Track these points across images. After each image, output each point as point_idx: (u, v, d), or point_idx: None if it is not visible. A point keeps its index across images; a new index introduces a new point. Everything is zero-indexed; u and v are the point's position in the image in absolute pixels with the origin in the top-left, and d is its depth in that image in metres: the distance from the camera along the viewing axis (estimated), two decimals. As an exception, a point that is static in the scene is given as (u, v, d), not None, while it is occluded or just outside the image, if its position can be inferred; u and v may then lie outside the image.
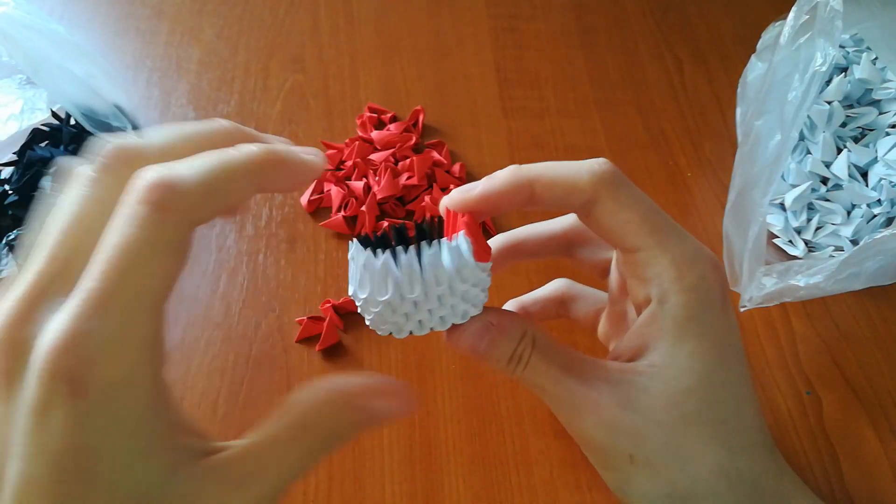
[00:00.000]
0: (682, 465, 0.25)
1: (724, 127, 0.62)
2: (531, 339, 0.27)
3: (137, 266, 0.19)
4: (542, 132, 0.61)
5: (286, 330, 0.50)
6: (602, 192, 0.25)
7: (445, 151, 0.59)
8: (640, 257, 0.26)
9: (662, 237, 0.25)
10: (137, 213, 0.19)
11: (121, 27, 0.68)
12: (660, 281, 0.25)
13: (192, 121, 0.34)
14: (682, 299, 0.25)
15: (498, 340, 0.26)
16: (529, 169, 0.26)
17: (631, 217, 0.25)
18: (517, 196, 0.26)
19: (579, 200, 0.26)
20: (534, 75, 0.66)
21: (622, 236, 0.26)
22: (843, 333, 0.50)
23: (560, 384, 0.26)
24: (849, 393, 0.48)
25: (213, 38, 0.68)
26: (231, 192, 0.21)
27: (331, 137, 0.60)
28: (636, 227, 0.25)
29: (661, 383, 0.25)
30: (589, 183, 0.25)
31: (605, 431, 0.25)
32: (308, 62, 0.66)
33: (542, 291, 0.37)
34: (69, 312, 0.19)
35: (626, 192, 0.25)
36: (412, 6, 0.70)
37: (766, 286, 0.46)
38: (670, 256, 0.25)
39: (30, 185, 0.55)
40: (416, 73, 0.65)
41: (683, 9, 0.71)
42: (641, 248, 0.25)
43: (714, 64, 0.67)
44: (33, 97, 0.63)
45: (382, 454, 0.45)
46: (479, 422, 0.46)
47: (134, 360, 0.20)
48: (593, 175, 0.25)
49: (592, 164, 0.25)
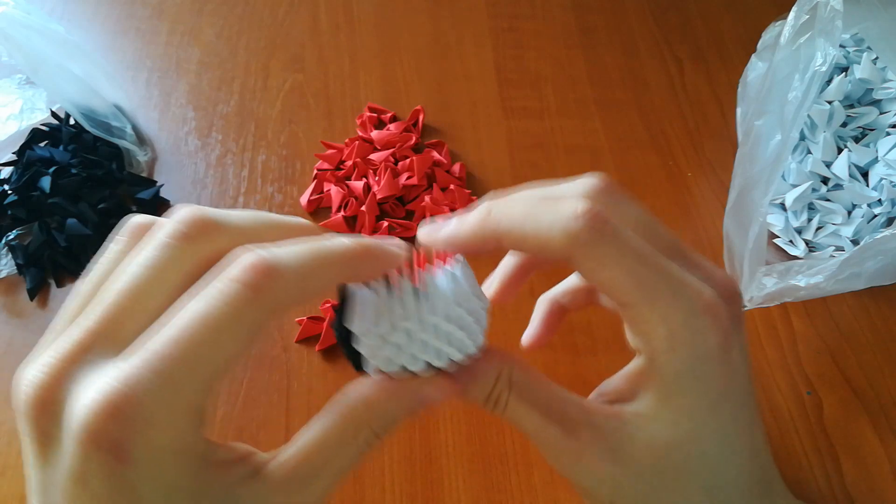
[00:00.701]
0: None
1: (725, 127, 0.62)
2: (507, 381, 0.25)
3: (213, 340, 0.19)
4: (542, 132, 0.61)
5: (286, 330, 0.50)
6: (577, 252, 0.23)
7: (445, 151, 0.59)
8: (629, 313, 0.24)
9: (650, 293, 0.23)
10: (231, 290, 0.19)
11: (121, 27, 0.68)
12: (650, 339, 0.24)
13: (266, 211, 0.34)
14: (672, 357, 0.23)
15: (469, 386, 0.26)
16: (498, 220, 0.24)
17: (614, 275, 0.23)
18: (483, 244, 0.25)
19: (554, 258, 0.23)
20: (534, 75, 0.66)
21: (608, 292, 0.24)
22: (843, 333, 0.50)
23: (541, 430, 0.25)
24: (849, 393, 0.48)
25: (213, 37, 0.68)
26: (324, 282, 0.22)
27: (331, 137, 0.60)
28: (621, 285, 0.23)
29: (646, 434, 0.24)
30: (561, 244, 0.23)
31: (587, 478, 0.25)
32: (308, 62, 0.66)
33: (571, 281, 0.35)
34: (119, 374, 0.18)
35: (607, 248, 0.23)
36: (412, 6, 0.70)
37: (767, 286, 0.46)
38: (659, 315, 0.23)
39: (29, 184, 0.55)
40: (416, 73, 0.65)
41: (684, 8, 0.71)
42: (629, 304, 0.23)
43: (714, 64, 0.67)
44: (33, 97, 0.63)
45: (382, 454, 0.45)
46: (479, 422, 0.46)
47: (183, 428, 0.19)
48: (566, 234, 0.22)
49: (569, 216, 0.22)
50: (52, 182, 0.54)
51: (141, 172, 0.58)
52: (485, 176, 0.58)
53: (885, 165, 0.51)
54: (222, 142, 0.60)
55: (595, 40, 0.69)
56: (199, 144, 0.60)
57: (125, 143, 0.57)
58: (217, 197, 0.57)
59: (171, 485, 0.19)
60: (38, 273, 0.52)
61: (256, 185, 0.58)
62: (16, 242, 0.53)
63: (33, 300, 0.51)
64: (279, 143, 0.60)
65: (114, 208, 0.55)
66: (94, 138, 0.57)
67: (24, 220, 0.54)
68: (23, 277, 0.52)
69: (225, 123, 0.61)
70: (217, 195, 0.57)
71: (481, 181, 0.58)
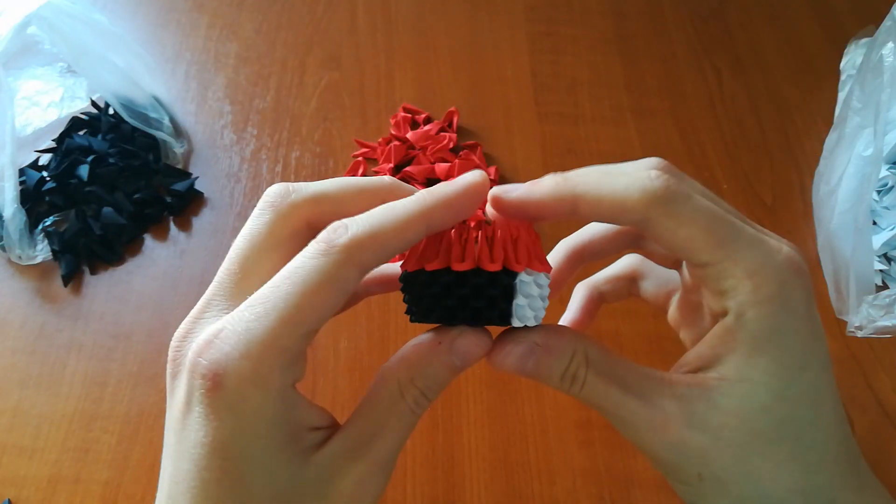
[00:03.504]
0: (754, 485, 0.24)
1: (762, 139, 0.61)
2: (584, 357, 0.25)
3: (292, 285, 0.21)
4: (577, 138, 0.61)
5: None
6: (655, 211, 0.23)
7: (480, 153, 0.58)
8: (710, 271, 0.24)
9: (731, 248, 0.23)
10: (316, 249, 0.22)
11: (162, 19, 0.69)
12: (735, 293, 0.23)
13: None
14: (761, 312, 0.23)
15: (544, 361, 0.25)
16: (575, 182, 0.24)
17: (692, 232, 0.23)
18: (558, 209, 0.25)
19: (629, 220, 0.23)
20: (570, 81, 0.65)
21: (687, 253, 0.24)
22: (877, 355, 0.49)
23: (621, 405, 0.24)
24: (882, 417, 0.47)
25: (252, 33, 0.68)
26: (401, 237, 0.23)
27: (364, 136, 0.60)
28: (700, 243, 0.23)
29: (732, 399, 0.23)
30: (639, 202, 0.23)
31: (671, 451, 0.24)
32: (344, 60, 0.66)
33: (613, 269, 0.34)
34: (220, 321, 0.22)
35: (684, 205, 0.23)
36: (450, 7, 0.70)
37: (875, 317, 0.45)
38: (743, 267, 0.23)
39: (67, 172, 0.55)
40: (452, 75, 0.65)
41: (724, 18, 0.70)
42: (710, 262, 0.23)
43: (754, 75, 0.66)
44: (73, 86, 0.64)
45: (405, 456, 0.45)
46: (502, 428, 0.46)
47: (269, 365, 0.21)
48: (644, 192, 0.23)
49: (644, 178, 0.23)
50: (90, 170, 0.55)
51: (177, 164, 0.59)
52: (517, 180, 0.58)
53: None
54: (257, 137, 0.61)
55: (633, 47, 0.68)
56: (234, 138, 0.61)
57: (162, 135, 0.58)
58: (251, 192, 0.57)
59: (257, 414, 0.21)
60: (72, 260, 0.52)
61: (290, 180, 0.58)
62: (52, 229, 0.54)
63: (67, 286, 0.52)
64: (313, 141, 0.60)
65: (149, 198, 0.55)
66: (132, 129, 0.58)
67: (61, 206, 0.55)
68: (58, 263, 0.53)
69: (261, 119, 0.62)
70: (250, 189, 0.57)
71: (513, 185, 0.58)
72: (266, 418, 0.22)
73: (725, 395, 0.24)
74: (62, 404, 0.47)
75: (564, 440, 0.45)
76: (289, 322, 0.21)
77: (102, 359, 0.49)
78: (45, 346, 0.49)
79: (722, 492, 0.24)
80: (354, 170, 0.58)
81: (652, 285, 0.34)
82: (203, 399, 0.21)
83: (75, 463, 0.45)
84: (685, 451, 0.24)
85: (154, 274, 0.53)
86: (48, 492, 0.44)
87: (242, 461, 0.21)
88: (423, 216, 0.23)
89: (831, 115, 0.61)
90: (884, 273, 0.52)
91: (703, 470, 0.24)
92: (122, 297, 0.52)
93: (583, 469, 0.44)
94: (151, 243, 0.55)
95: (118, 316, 0.51)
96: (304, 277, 0.22)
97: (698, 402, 0.24)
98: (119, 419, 0.46)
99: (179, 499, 0.22)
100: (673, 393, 0.24)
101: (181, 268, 0.53)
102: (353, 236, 0.22)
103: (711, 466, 0.24)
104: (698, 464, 0.24)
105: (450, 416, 0.46)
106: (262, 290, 0.22)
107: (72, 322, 0.51)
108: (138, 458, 0.45)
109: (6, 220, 0.51)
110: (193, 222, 0.56)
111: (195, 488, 0.22)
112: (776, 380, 0.23)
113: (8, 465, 0.45)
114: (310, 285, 0.21)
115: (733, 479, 0.24)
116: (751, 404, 0.23)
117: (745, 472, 0.23)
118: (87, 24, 0.55)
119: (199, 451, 0.21)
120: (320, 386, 0.47)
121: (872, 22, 0.59)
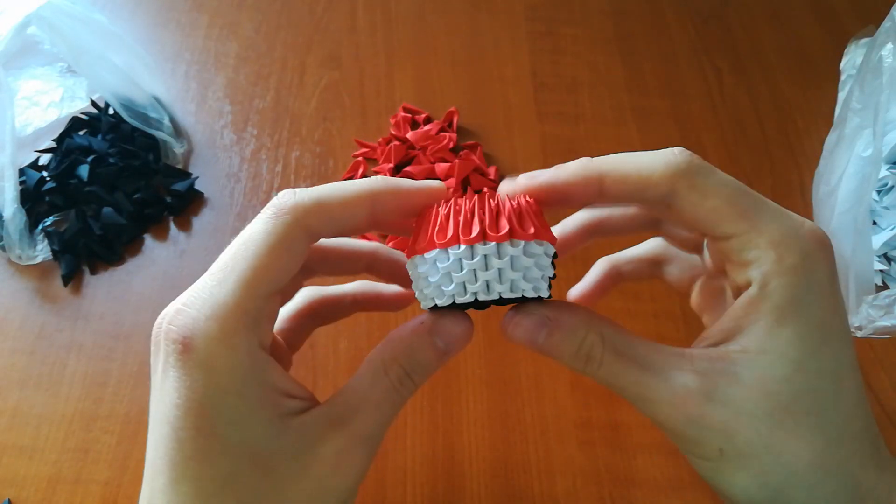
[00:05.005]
0: (775, 458, 0.23)
1: (762, 139, 0.61)
2: (598, 336, 0.25)
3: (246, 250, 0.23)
4: (577, 138, 0.61)
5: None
6: (680, 183, 0.23)
7: (480, 153, 0.58)
8: (734, 243, 0.24)
9: (755, 219, 0.23)
10: (266, 215, 0.24)
11: (161, 19, 0.69)
12: (759, 264, 0.23)
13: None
14: (785, 281, 0.23)
15: (556, 336, 0.25)
16: (600, 162, 0.25)
17: (717, 204, 0.23)
18: (586, 189, 0.25)
19: (655, 195, 0.24)
20: (570, 80, 0.65)
21: (711, 225, 0.24)
22: (877, 355, 0.49)
23: (640, 383, 0.24)
24: (882, 417, 0.47)
25: (252, 32, 0.68)
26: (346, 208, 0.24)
27: (364, 136, 0.60)
28: (725, 215, 0.23)
29: (754, 371, 0.23)
30: (664, 175, 0.23)
31: (692, 426, 0.24)
32: (344, 60, 0.66)
33: (637, 250, 0.35)
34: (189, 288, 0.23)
35: (708, 178, 0.24)
36: (450, 7, 0.70)
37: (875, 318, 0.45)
38: (767, 238, 0.23)
39: (67, 172, 0.55)
40: (452, 75, 0.65)
41: (725, 18, 0.70)
42: (734, 234, 0.24)
43: (755, 75, 0.66)
44: (73, 85, 0.64)
45: (405, 455, 0.45)
46: (502, 428, 0.46)
47: (233, 324, 0.22)
48: (669, 166, 0.23)
49: (667, 154, 0.24)
50: (90, 170, 0.55)
51: (176, 164, 0.58)
52: (517, 180, 0.58)
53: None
54: (257, 136, 0.61)
55: (633, 47, 0.68)
56: (234, 138, 0.61)
57: (162, 135, 0.58)
58: (250, 191, 0.57)
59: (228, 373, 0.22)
60: (72, 260, 0.52)
61: (290, 180, 0.58)
62: (52, 229, 0.54)
63: (67, 286, 0.52)
64: (313, 140, 0.60)
65: (149, 198, 0.55)
66: (131, 128, 0.58)
67: (61, 206, 0.55)
68: (58, 263, 0.53)
69: (260, 118, 0.62)
70: (250, 189, 0.57)
71: (513, 185, 0.58)
72: (237, 375, 0.22)
73: (747, 367, 0.24)
74: (62, 404, 0.47)
75: (564, 440, 0.45)
76: (248, 284, 0.23)
77: (102, 359, 0.49)
78: (45, 346, 0.49)
79: (743, 466, 0.24)
80: (354, 170, 0.58)
81: (676, 269, 0.34)
82: (175, 363, 0.22)
83: (75, 463, 0.45)
84: (706, 426, 0.24)
85: (154, 274, 0.53)
86: (48, 492, 0.44)
87: (216, 417, 0.22)
88: (369, 195, 0.25)
89: (831, 115, 0.61)
90: (884, 273, 0.52)
91: (725, 445, 0.24)
92: (122, 297, 0.52)
93: (583, 469, 0.44)
94: (151, 243, 0.55)
95: (118, 316, 0.51)
96: (257, 241, 0.23)
97: (720, 376, 0.24)
98: (119, 419, 0.46)
99: (158, 463, 0.23)
100: (693, 368, 0.24)
101: (181, 268, 0.53)
102: (298, 200, 0.24)
103: (733, 441, 0.23)
104: (720, 439, 0.24)
105: (450, 416, 0.46)
106: (221, 257, 0.24)
107: (72, 322, 0.51)
108: (138, 458, 0.45)
109: (6, 220, 0.51)
110: (193, 222, 0.56)
111: (172, 450, 0.22)
112: (798, 352, 0.23)
113: (8, 465, 0.45)
114: (262, 247, 0.23)
115: (755, 453, 0.23)
116: (772, 376, 0.23)
117: (766, 445, 0.23)
118: (86, 24, 0.55)
119: (174, 412, 0.22)
120: (320, 386, 0.47)
121: (872, 22, 0.59)
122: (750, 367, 0.23)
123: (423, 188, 0.26)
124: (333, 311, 0.34)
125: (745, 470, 0.24)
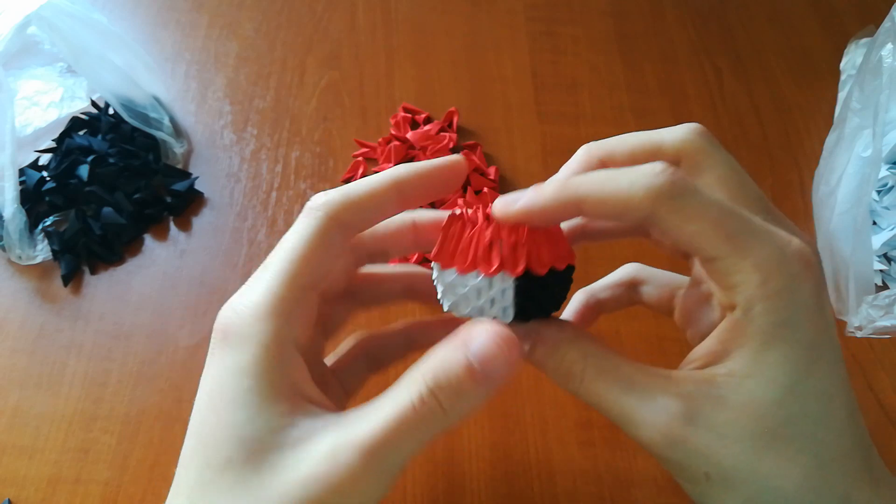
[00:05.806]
0: (764, 482, 0.23)
1: (762, 138, 0.61)
2: (581, 353, 0.25)
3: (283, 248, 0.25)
4: (577, 138, 0.61)
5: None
6: (662, 207, 0.22)
7: (480, 153, 0.58)
8: (718, 265, 0.23)
9: (740, 241, 0.23)
10: (302, 216, 0.26)
11: (161, 19, 0.69)
12: (744, 288, 0.23)
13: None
14: (769, 305, 0.23)
15: (538, 349, 0.25)
16: (578, 184, 0.24)
17: (700, 227, 0.23)
18: (563, 213, 0.25)
19: (636, 217, 0.23)
20: (570, 80, 0.65)
21: (695, 248, 0.23)
22: (877, 355, 0.49)
23: (622, 404, 0.24)
24: (882, 417, 0.47)
25: (252, 32, 0.68)
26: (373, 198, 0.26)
27: (364, 136, 0.60)
28: (708, 237, 0.23)
29: (740, 395, 0.23)
30: (645, 199, 0.22)
31: (676, 450, 0.23)
32: (344, 60, 0.66)
33: (611, 277, 0.34)
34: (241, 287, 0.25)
35: (691, 201, 0.23)
36: (450, 7, 0.70)
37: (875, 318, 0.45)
38: (751, 261, 0.23)
39: (67, 172, 0.55)
40: (452, 75, 0.65)
41: (725, 18, 0.70)
42: (718, 256, 0.23)
43: (755, 75, 0.66)
44: (73, 85, 0.63)
45: (405, 456, 0.45)
46: (502, 428, 0.46)
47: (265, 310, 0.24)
48: (649, 190, 0.22)
49: (649, 173, 0.23)
50: (90, 170, 0.55)
51: (176, 164, 0.58)
52: (517, 180, 0.58)
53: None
54: (257, 136, 0.61)
55: (633, 47, 0.68)
56: (234, 138, 0.61)
57: (162, 135, 0.58)
58: (250, 191, 0.57)
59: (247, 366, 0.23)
60: (72, 260, 0.52)
61: (290, 180, 0.58)
62: (52, 229, 0.54)
63: (67, 286, 0.52)
64: (313, 140, 0.60)
65: (149, 198, 0.55)
66: (131, 128, 0.58)
67: (60, 206, 0.55)
68: (57, 263, 0.53)
69: (260, 118, 0.62)
70: (250, 189, 0.57)
71: (514, 185, 0.58)
72: (260, 358, 0.23)
73: (734, 391, 0.23)
74: (62, 404, 0.47)
75: (564, 440, 0.45)
76: (284, 275, 0.25)
77: (102, 359, 0.49)
78: (45, 347, 0.49)
79: (731, 490, 0.23)
80: (354, 170, 0.58)
81: (653, 289, 0.33)
82: (214, 349, 0.24)
83: (75, 463, 0.45)
84: (691, 450, 0.23)
85: (154, 274, 0.53)
86: (48, 492, 0.44)
87: (222, 395, 0.23)
88: (393, 182, 0.26)
89: (831, 115, 0.61)
90: (884, 273, 0.52)
91: (710, 469, 0.23)
92: (122, 297, 0.52)
93: (583, 469, 0.44)
94: (151, 243, 0.55)
95: (118, 316, 0.51)
96: (292, 238, 0.25)
97: (705, 399, 0.23)
98: (119, 419, 0.46)
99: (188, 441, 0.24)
100: (678, 391, 0.24)
101: (181, 268, 0.53)
102: (328, 198, 0.26)
103: (719, 465, 0.23)
104: (705, 463, 0.23)
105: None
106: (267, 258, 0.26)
107: (72, 322, 0.51)
108: (138, 458, 0.45)
109: (6, 220, 0.51)
110: (193, 222, 0.56)
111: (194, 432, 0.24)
112: (785, 375, 0.23)
113: (8, 465, 0.45)
114: (299, 242, 0.25)
115: (742, 478, 0.23)
116: (760, 400, 0.23)
117: (754, 469, 0.23)
118: (86, 23, 0.55)
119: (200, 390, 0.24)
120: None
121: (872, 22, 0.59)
122: (736, 390, 0.23)
123: (443, 166, 0.27)
124: (385, 349, 0.33)
125: (734, 494, 0.23)
